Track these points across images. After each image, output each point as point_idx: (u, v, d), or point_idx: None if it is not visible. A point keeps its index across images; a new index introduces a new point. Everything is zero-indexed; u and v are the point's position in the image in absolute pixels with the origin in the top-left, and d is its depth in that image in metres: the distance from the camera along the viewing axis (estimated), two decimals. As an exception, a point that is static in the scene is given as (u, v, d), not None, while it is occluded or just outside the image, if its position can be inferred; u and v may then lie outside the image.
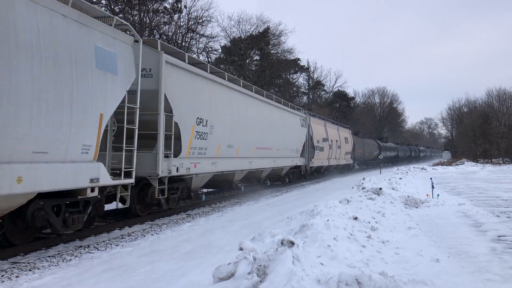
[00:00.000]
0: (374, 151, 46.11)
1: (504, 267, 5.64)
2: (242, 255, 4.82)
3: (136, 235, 8.71)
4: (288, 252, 4.57)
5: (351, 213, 8.25)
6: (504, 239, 7.35)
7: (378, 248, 6.55)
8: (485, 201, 12.93)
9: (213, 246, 7.64)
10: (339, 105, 61.27)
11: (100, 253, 7.22)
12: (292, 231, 6.94)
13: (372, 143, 46.66)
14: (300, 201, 14.53)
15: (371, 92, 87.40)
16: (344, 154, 33.28)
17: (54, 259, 6.73)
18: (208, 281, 4.85)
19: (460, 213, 10.38)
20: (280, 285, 4.00)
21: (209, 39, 35.28)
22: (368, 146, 43.88)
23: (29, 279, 5.73)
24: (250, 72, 39.83)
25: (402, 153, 64.80)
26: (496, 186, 18.61)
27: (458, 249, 6.72)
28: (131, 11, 28.01)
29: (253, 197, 16.04)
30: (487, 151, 52.93)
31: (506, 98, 56.06)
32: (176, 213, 11.68)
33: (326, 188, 20.65)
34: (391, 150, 56.84)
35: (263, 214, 11.52)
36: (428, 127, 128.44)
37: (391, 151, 56.06)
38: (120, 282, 5.61)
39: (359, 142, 39.71)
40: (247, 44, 39.11)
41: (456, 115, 74.38)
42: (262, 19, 42.03)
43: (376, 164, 43.80)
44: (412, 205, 11.88)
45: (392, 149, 57.41)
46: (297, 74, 52.51)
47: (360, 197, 11.31)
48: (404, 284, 4.43)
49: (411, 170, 30.94)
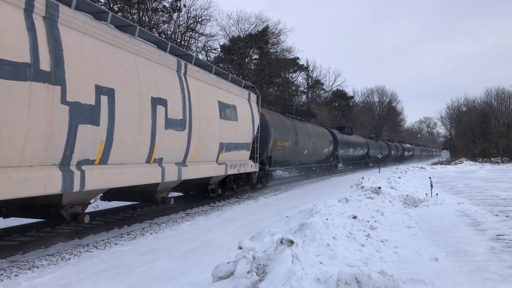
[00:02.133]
0: (324, 146, 28.53)
1: (502, 266, 5.64)
2: (241, 254, 4.82)
3: (135, 234, 8.71)
4: (287, 251, 4.57)
5: (350, 212, 8.26)
6: (503, 238, 7.36)
7: (377, 247, 6.55)
8: (484, 200, 12.94)
9: (212, 245, 7.64)
10: (338, 104, 61.30)
11: (99, 252, 7.22)
12: (291, 230, 6.94)
13: (321, 133, 28.48)
14: (299, 200, 14.54)
15: (370, 91, 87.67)
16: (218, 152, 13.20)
17: (53, 258, 6.73)
18: (207, 280, 4.85)
19: (459, 212, 10.40)
20: (280, 284, 4.01)
21: (208, 38, 35.25)
22: (314, 138, 25.83)
23: (28, 278, 5.72)
24: (249, 71, 39.80)
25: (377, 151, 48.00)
26: (494, 185, 18.64)
27: (457, 248, 6.73)
28: (130, 9, 27.95)
29: (252, 196, 16.07)
30: (485, 150, 53.05)
31: (505, 97, 56.26)
32: (175, 212, 11.69)
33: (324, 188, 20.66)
34: (357, 146, 39.75)
35: (262, 213, 11.52)
36: (427, 126, 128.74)
37: (357, 148, 39.67)
38: (119, 281, 5.61)
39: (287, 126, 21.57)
40: (246, 43, 39.06)
41: (455, 114, 74.62)
42: (261, 18, 41.92)
43: (323, 171, 30.89)
44: (411, 204, 11.89)
45: (358, 145, 40.14)
46: (296, 73, 52.50)
47: (359, 196, 11.32)
48: (403, 283, 4.44)
49: (410, 169, 30.97)
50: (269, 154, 18.37)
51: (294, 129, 22.28)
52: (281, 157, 20.69)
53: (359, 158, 42.84)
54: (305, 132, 24.54)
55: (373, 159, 48.91)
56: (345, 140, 34.93)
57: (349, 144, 36.15)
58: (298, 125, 23.65)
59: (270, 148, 18.58)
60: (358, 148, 40.19)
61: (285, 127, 21.08)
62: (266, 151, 17.86)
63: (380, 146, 50.66)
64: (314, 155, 26.99)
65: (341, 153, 33.57)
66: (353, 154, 39.10)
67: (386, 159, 54.65)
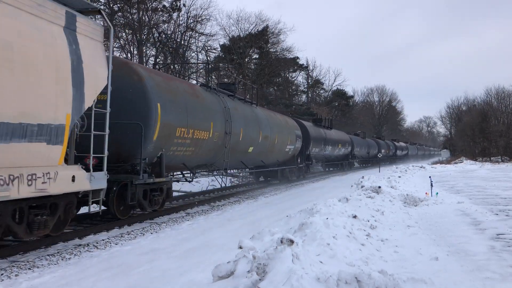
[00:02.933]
0: (287, 141, 20.71)
1: (503, 265, 5.64)
2: (241, 254, 4.82)
3: (135, 234, 8.72)
4: (287, 250, 4.57)
5: (350, 211, 8.26)
6: (503, 237, 7.36)
7: (377, 246, 6.55)
8: (484, 200, 12.94)
9: (213, 244, 7.64)
10: (338, 104, 61.29)
11: (100, 252, 7.22)
12: (291, 230, 6.94)
13: (282, 124, 20.66)
14: (299, 200, 14.54)
15: (370, 90, 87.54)
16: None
17: (54, 258, 6.73)
18: (208, 280, 4.85)
19: (459, 212, 10.40)
20: (280, 283, 4.01)
21: (208, 38, 35.24)
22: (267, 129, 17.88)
23: (28, 278, 5.73)
24: (249, 71, 39.80)
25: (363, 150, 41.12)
26: (494, 184, 18.64)
27: (457, 247, 6.73)
28: (130, 9, 27.95)
29: (252, 195, 16.06)
30: (486, 149, 53.08)
31: (504, 97, 56.24)
32: (175, 212, 11.69)
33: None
34: (337, 144, 31.66)
35: (262, 213, 11.53)
36: (427, 126, 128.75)
37: (337, 146, 31.57)
38: (120, 280, 5.61)
39: (206, 104, 13.00)
40: (246, 43, 39.07)
41: (455, 113, 74.58)
42: (261, 18, 41.93)
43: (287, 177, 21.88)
44: (411, 204, 11.90)
45: (339, 143, 32.14)
46: (296, 73, 52.51)
47: (359, 195, 11.32)
48: (403, 283, 4.44)
49: (410, 169, 30.98)
50: (148, 151, 9.92)
51: (222, 111, 13.74)
52: (192, 157, 12.29)
53: (341, 158, 35.08)
54: (249, 118, 16.18)
55: (360, 159, 42.07)
56: (320, 135, 27.35)
57: (326, 141, 28.36)
58: (234, 106, 15.02)
59: (156, 139, 10.05)
60: (339, 146, 32.28)
61: (199, 105, 12.33)
62: (140, 147, 9.44)
63: (367, 144, 43.81)
64: (269, 154, 18.73)
65: (315, 152, 26.58)
66: (333, 154, 31.48)
67: (374, 159, 46.52)
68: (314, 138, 25.80)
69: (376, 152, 45.89)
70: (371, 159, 46.75)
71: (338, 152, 32.66)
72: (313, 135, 25.66)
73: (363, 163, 45.52)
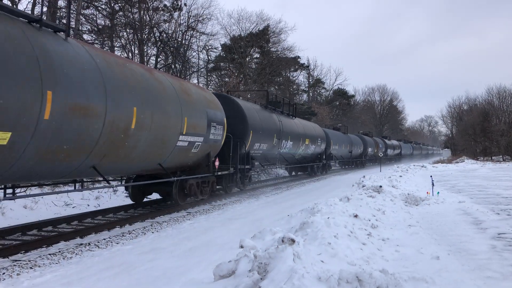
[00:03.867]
0: (199, 128, 12.10)
1: (504, 264, 5.64)
2: (242, 253, 4.83)
3: (136, 233, 8.73)
4: (288, 249, 4.57)
5: (352, 211, 8.26)
6: (504, 236, 7.35)
7: (378, 245, 6.55)
8: (485, 199, 12.93)
9: (214, 244, 7.65)
10: (339, 103, 61.27)
11: (101, 251, 7.23)
12: (293, 229, 6.95)
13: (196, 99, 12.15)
14: (300, 199, 14.54)
15: (371, 90, 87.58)
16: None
17: (55, 257, 6.75)
18: (209, 279, 4.86)
19: (460, 211, 10.38)
20: (281, 282, 4.01)
21: (209, 37, 35.25)
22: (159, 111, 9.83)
23: (30, 277, 5.74)
24: (250, 70, 39.79)
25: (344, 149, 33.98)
26: (496, 183, 18.61)
27: (458, 246, 6.72)
28: (131, 9, 27.95)
29: (253, 194, 16.07)
30: (487, 148, 53.01)
31: (506, 96, 56.08)
32: (176, 211, 11.70)
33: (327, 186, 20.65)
34: (303, 139, 22.87)
35: (263, 212, 11.53)
36: (428, 125, 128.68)
37: (302, 142, 22.81)
38: (121, 279, 5.62)
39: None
40: (247, 42, 39.07)
41: (456, 113, 74.39)
42: (262, 17, 41.94)
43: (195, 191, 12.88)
44: (412, 203, 11.89)
45: (307, 137, 23.49)
46: (297, 72, 52.50)
47: (360, 195, 11.31)
48: (405, 282, 4.44)
49: (411, 168, 30.95)
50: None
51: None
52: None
53: (310, 159, 26.18)
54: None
55: (341, 161, 34.35)
56: (271, 125, 18.46)
57: (285, 134, 19.96)
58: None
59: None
60: (307, 141, 23.57)
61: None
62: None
63: (350, 141, 35.99)
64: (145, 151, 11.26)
65: (262, 149, 17.80)
66: (296, 153, 22.65)
67: (359, 159, 39.96)
68: (256, 129, 16.52)
69: (360, 151, 39.65)
70: (354, 160, 39.36)
71: (307, 150, 24.32)
72: (255, 125, 16.42)
73: (345, 164, 38.50)
